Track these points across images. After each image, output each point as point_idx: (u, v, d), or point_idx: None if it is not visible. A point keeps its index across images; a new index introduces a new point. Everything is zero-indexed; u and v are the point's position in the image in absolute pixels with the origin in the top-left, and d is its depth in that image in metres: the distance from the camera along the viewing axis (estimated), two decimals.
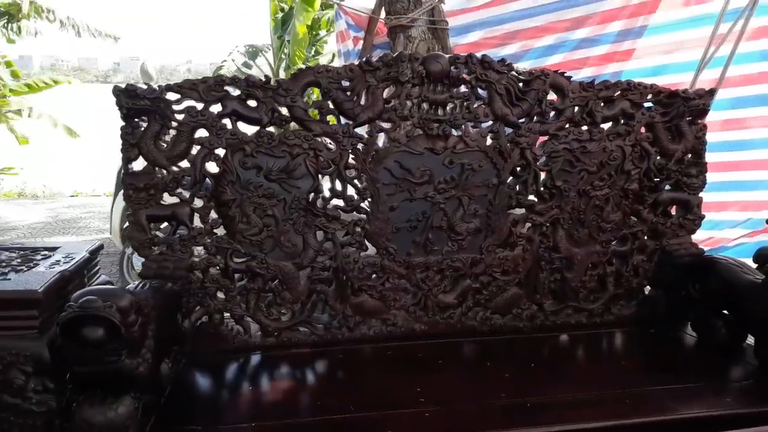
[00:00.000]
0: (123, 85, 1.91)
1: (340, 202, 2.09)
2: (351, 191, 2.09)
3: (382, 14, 3.73)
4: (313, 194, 2.05)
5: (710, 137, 3.64)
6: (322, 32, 9.87)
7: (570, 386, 1.79)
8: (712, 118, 3.55)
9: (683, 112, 2.25)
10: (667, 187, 2.30)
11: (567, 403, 1.66)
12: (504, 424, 1.52)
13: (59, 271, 1.52)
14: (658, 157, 2.27)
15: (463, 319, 2.17)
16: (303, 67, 3.84)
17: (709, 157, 2.30)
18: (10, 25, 9.49)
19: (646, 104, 2.26)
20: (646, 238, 2.31)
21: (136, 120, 1.94)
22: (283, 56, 9.16)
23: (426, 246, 2.13)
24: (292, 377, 1.92)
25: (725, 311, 2.07)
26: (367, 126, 2.08)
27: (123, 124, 1.93)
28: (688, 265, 2.22)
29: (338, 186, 2.08)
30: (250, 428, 1.57)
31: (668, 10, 4.29)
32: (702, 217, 2.33)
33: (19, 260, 1.64)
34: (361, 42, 3.87)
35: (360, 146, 2.07)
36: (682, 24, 4.29)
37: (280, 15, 8.72)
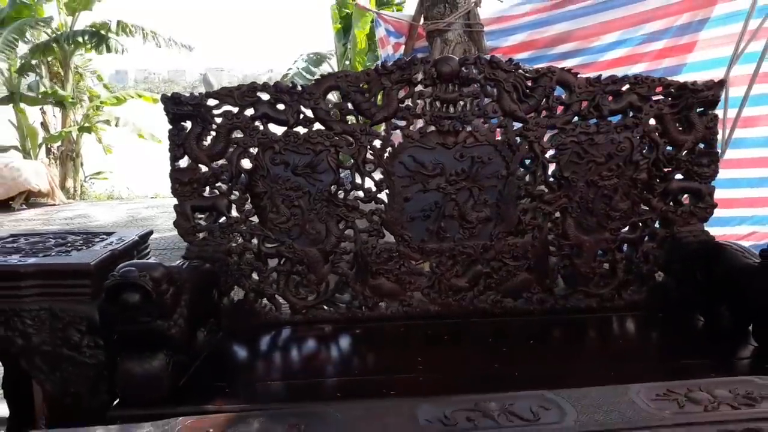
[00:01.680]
0: (169, 94, 2.22)
1: (360, 194, 2.31)
2: (369, 183, 2.31)
3: (421, 20, 3.93)
4: (334, 187, 2.28)
5: (753, 132, 3.60)
6: None
7: (563, 361, 1.94)
8: (753, 113, 3.53)
9: (692, 103, 2.31)
10: (679, 176, 2.37)
11: (552, 374, 1.79)
12: (482, 388, 1.68)
13: (110, 250, 1.84)
14: (668, 148, 2.35)
15: (475, 302, 2.32)
16: None
17: (753, 152, 2.32)
18: (99, 43, 10.39)
19: (656, 96, 2.35)
20: (657, 225, 2.39)
21: (181, 123, 2.24)
22: (346, 62, 9.51)
23: (439, 233, 2.31)
24: (316, 349, 2.16)
25: (731, 296, 2.13)
26: (383, 124, 2.29)
27: (170, 127, 2.23)
28: (696, 251, 2.28)
29: (357, 179, 2.30)
30: (279, 385, 1.84)
31: (731, 1, 4.20)
32: (714, 206, 2.38)
33: (81, 241, 1.98)
34: (402, 47, 4.07)
35: (377, 142, 2.28)
36: (742, 15, 4.21)
37: (340, 23, 9.10)
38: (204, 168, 2.26)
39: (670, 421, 1.05)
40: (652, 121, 2.35)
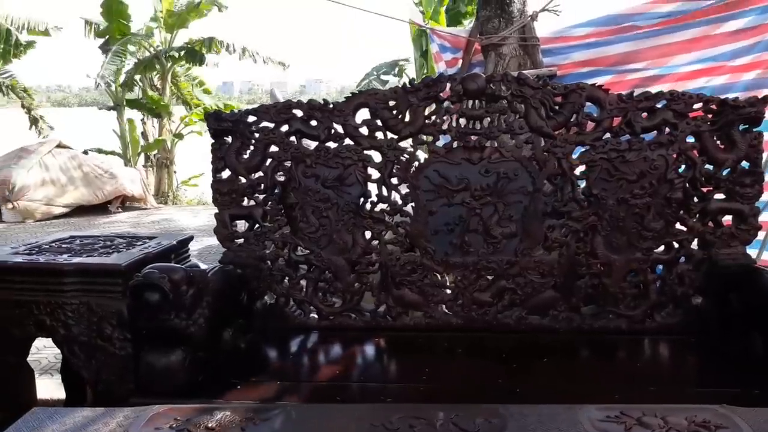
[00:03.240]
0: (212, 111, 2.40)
1: (385, 206, 2.39)
2: (395, 197, 2.38)
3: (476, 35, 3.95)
4: (361, 199, 2.37)
5: None
6: None
7: (572, 380, 1.91)
8: None
9: (733, 120, 2.22)
10: (719, 196, 2.28)
11: (553, 392, 1.78)
12: (472, 401, 1.70)
13: (144, 253, 2.03)
14: (707, 166, 2.26)
15: (498, 317, 2.33)
16: None
17: None
18: (193, 58, 11.12)
19: (695, 113, 2.27)
20: (694, 247, 2.30)
21: (222, 138, 2.40)
22: (424, 71, 9.64)
23: (463, 247, 2.34)
24: (334, 355, 2.25)
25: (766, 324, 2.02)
26: (410, 139, 2.36)
27: (212, 141, 2.41)
28: (735, 275, 2.18)
29: (384, 192, 2.38)
30: (286, 385, 1.93)
31: None
32: (758, 228, 2.26)
33: (125, 244, 2.19)
34: (458, 62, 4.10)
35: (403, 157, 2.35)
36: None
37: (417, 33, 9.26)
38: (242, 179, 2.41)
39: None
40: (690, 139, 2.27)
